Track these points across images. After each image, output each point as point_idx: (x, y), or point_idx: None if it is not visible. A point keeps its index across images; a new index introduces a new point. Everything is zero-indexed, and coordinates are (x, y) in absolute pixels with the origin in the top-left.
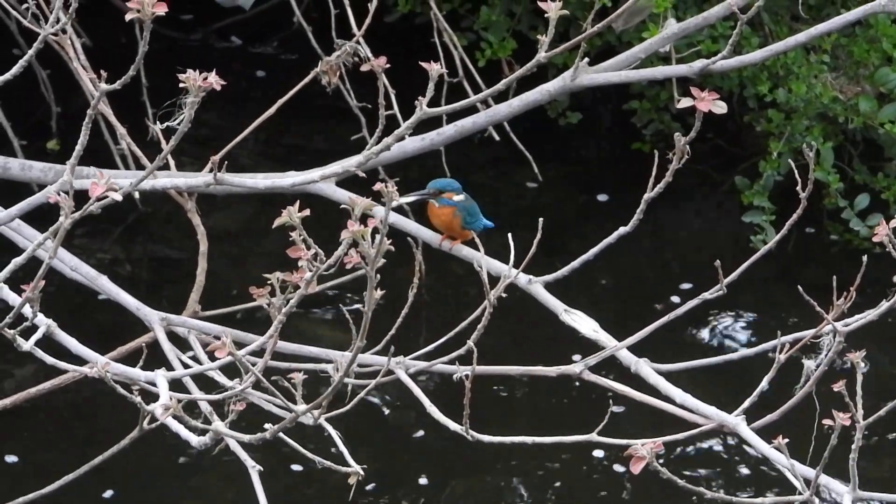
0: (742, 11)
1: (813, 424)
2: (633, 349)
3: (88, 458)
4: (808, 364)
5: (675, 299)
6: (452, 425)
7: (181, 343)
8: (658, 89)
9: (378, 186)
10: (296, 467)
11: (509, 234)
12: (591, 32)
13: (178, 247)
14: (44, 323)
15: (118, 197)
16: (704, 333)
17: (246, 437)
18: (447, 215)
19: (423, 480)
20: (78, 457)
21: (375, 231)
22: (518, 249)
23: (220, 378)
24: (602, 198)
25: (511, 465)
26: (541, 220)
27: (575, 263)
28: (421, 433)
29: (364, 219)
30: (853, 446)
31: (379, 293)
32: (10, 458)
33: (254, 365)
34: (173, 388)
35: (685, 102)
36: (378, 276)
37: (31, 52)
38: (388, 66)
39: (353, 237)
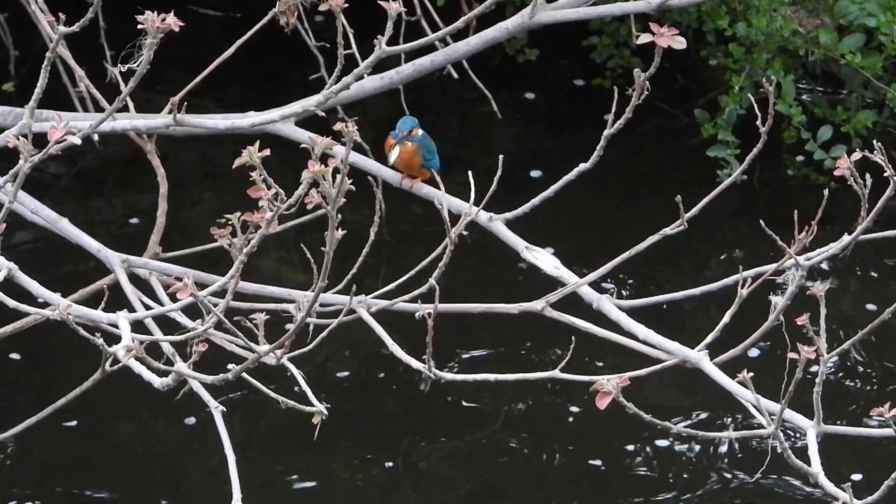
0: None
1: (778, 360)
2: (597, 287)
3: (50, 402)
4: (776, 300)
5: (638, 236)
6: (415, 363)
7: (143, 286)
8: (617, 25)
9: (339, 126)
10: (259, 408)
11: (469, 172)
12: None
13: (140, 189)
14: (5, 266)
15: (77, 140)
16: (667, 269)
17: (208, 378)
18: (408, 153)
19: (386, 420)
20: (39, 402)
21: (336, 171)
22: (480, 187)
23: (183, 319)
24: (562, 135)
25: (474, 405)
26: (500, 157)
27: (535, 200)
28: (383, 373)
29: (324, 158)
30: (817, 380)
31: (340, 233)
32: None
33: (215, 306)
34: (136, 331)
35: (644, 38)
36: (339, 216)
37: None
38: (346, 5)
39: (313, 177)
